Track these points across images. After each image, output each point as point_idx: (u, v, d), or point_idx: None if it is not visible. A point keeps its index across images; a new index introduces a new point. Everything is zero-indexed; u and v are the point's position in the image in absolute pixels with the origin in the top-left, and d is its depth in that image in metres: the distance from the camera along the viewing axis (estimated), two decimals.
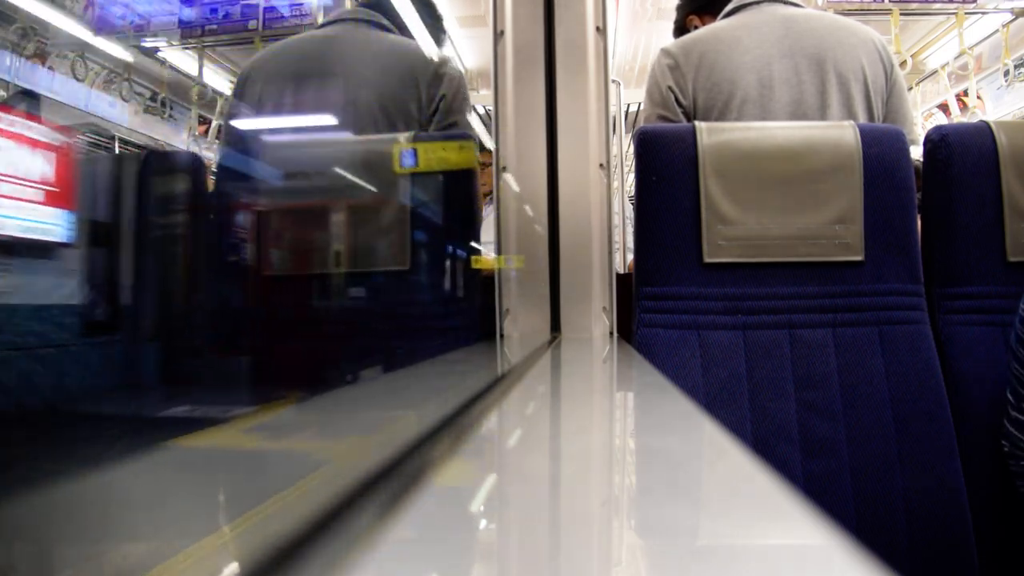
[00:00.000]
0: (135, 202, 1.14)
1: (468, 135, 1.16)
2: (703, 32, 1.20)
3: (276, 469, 0.31)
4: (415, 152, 1.05)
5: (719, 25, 1.19)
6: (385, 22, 1.26)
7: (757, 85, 1.11)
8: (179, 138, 2.99)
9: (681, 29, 1.40)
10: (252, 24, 2.49)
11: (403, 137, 1.06)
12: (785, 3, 1.18)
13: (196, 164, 1.32)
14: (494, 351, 0.94)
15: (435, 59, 1.21)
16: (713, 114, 1.13)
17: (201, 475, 0.30)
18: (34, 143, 1.19)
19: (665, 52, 1.18)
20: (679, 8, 1.42)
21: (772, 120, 1.10)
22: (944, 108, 3.43)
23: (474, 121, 1.49)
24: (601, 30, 0.99)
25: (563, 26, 0.97)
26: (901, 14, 2.81)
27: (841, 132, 0.96)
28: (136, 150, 2.86)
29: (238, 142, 1.29)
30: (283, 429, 0.41)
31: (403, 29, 1.31)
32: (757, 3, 1.18)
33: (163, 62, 2.78)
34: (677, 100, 1.15)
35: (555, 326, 0.96)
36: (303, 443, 0.38)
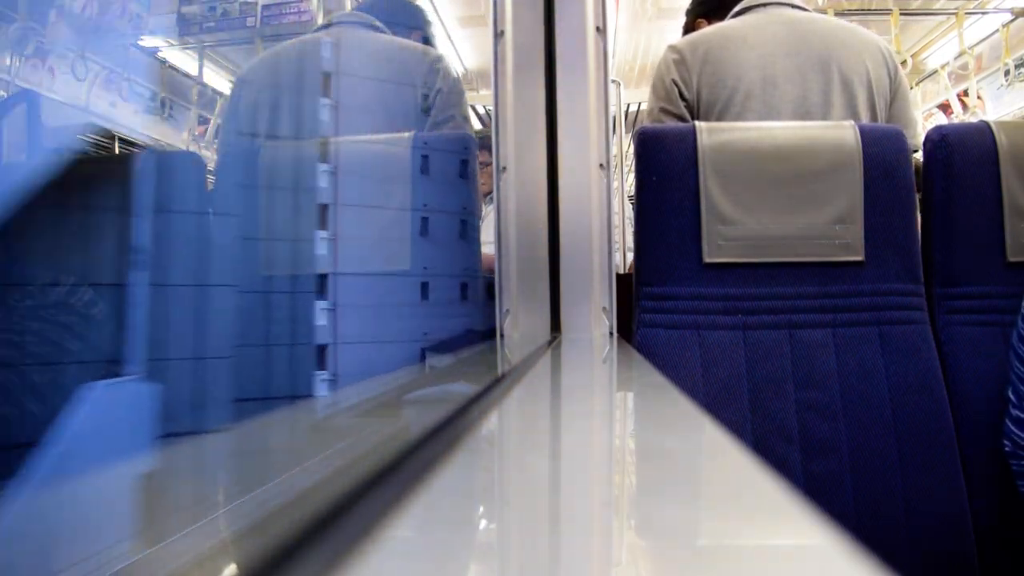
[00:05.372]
0: None
1: (467, 132, 1.17)
2: (710, 30, 1.22)
3: (276, 468, 0.31)
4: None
5: (726, 24, 1.21)
6: (378, 24, 1.28)
7: (761, 81, 1.12)
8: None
9: (689, 33, 1.42)
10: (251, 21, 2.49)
11: (402, 135, 1.07)
12: (791, 6, 1.20)
13: None
14: (494, 351, 0.94)
15: (429, 55, 1.23)
16: (716, 108, 1.13)
17: (202, 475, 0.30)
18: None
19: (671, 48, 1.21)
20: (688, 12, 1.45)
21: (775, 116, 1.11)
22: (944, 108, 3.43)
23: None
24: (601, 30, 0.98)
25: (563, 26, 0.97)
26: (901, 14, 2.81)
27: (841, 132, 0.96)
28: None
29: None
30: (284, 428, 0.41)
31: (395, 30, 1.32)
32: (763, 5, 1.19)
33: None
34: (681, 94, 1.16)
35: (555, 326, 0.96)
36: (303, 442, 0.38)
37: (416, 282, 1.06)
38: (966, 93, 3.23)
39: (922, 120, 3.50)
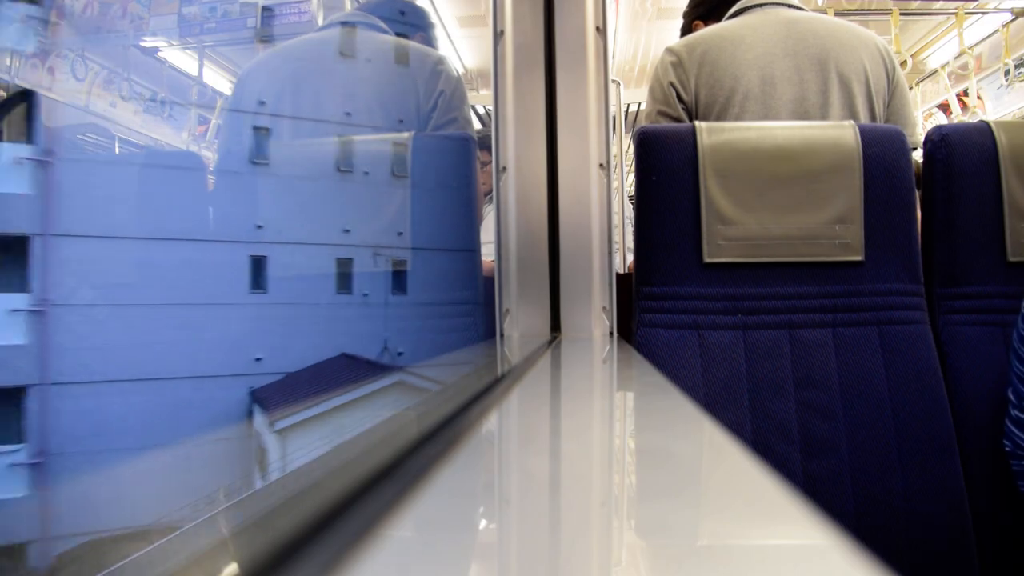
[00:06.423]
0: None
1: (468, 134, 1.16)
2: (707, 31, 1.22)
3: (276, 469, 0.31)
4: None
5: (723, 25, 1.21)
6: (381, 24, 1.27)
7: (759, 82, 1.12)
8: None
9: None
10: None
11: (403, 135, 1.07)
12: (788, 6, 1.19)
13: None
14: (494, 351, 0.94)
15: (432, 57, 1.23)
16: (714, 110, 1.13)
17: (202, 475, 0.30)
18: None
19: (669, 50, 1.21)
20: (685, 15, 1.45)
21: (774, 116, 1.11)
22: (944, 108, 3.43)
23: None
24: (601, 30, 0.98)
25: (563, 26, 0.97)
26: (901, 14, 2.81)
27: (841, 132, 0.96)
28: None
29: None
30: (284, 428, 0.41)
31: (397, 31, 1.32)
32: (760, 6, 1.19)
33: None
34: (678, 96, 1.16)
35: (555, 326, 0.96)
36: (303, 442, 0.38)
37: (242, 255, 0.58)
38: (966, 93, 3.23)
39: (922, 120, 3.50)
